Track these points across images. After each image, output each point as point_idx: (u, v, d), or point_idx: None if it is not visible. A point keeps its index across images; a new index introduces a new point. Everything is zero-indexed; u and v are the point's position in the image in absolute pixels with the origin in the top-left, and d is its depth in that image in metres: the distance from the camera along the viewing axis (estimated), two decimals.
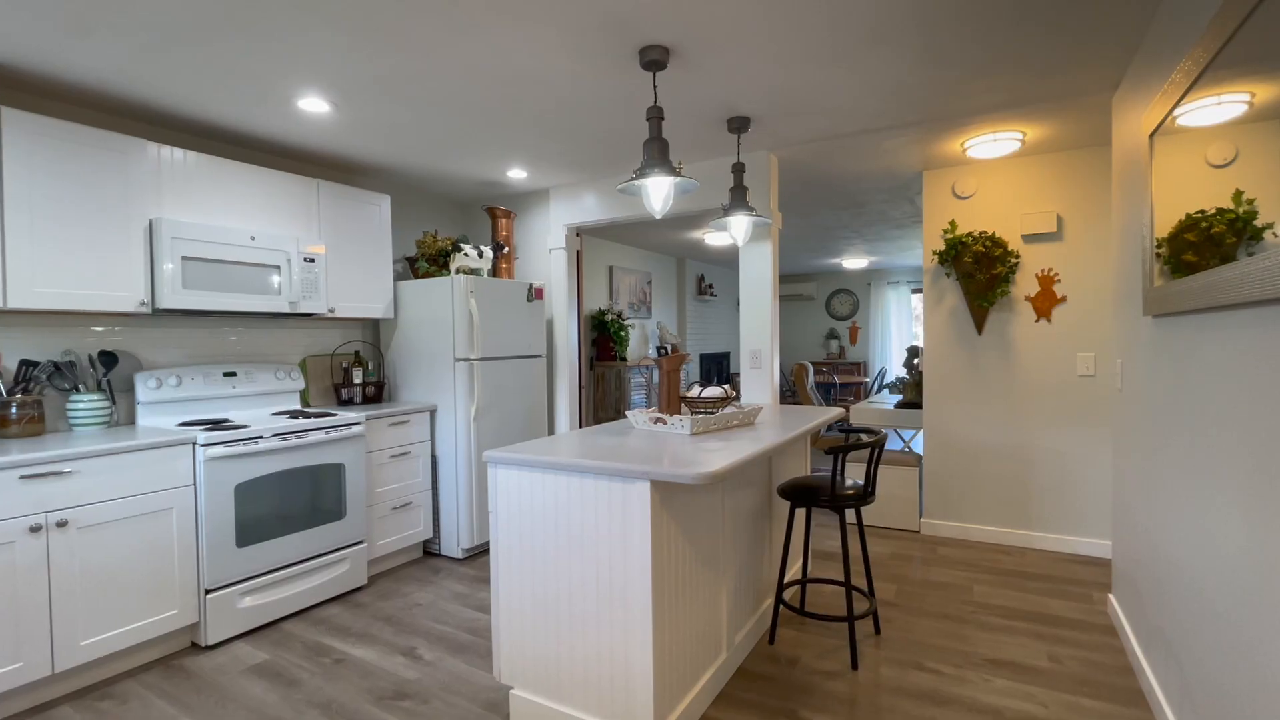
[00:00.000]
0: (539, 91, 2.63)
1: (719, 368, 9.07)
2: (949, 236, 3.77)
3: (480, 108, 2.80)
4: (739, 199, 2.94)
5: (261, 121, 2.93)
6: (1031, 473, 3.67)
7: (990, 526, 3.79)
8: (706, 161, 3.69)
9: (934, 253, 3.84)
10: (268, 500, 2.79)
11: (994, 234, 3.65)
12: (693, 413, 2.64)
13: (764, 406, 3.13)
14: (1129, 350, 2.44)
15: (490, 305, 3.72)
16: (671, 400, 2.54)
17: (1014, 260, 3.65)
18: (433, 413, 3.67)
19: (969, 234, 3.69)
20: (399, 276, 4.20)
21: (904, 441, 5.13)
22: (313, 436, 2.96)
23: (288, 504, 2.87)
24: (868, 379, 9.05)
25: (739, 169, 2.97)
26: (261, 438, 2.75)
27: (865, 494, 2.45)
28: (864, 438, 2.66)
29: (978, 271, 3.63)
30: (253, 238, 2.98)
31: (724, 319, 9.27)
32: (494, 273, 4.15)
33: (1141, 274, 2.18)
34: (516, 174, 3.91)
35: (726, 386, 2.71)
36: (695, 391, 2.68)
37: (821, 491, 2.46)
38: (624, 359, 6.24)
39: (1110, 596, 2.79)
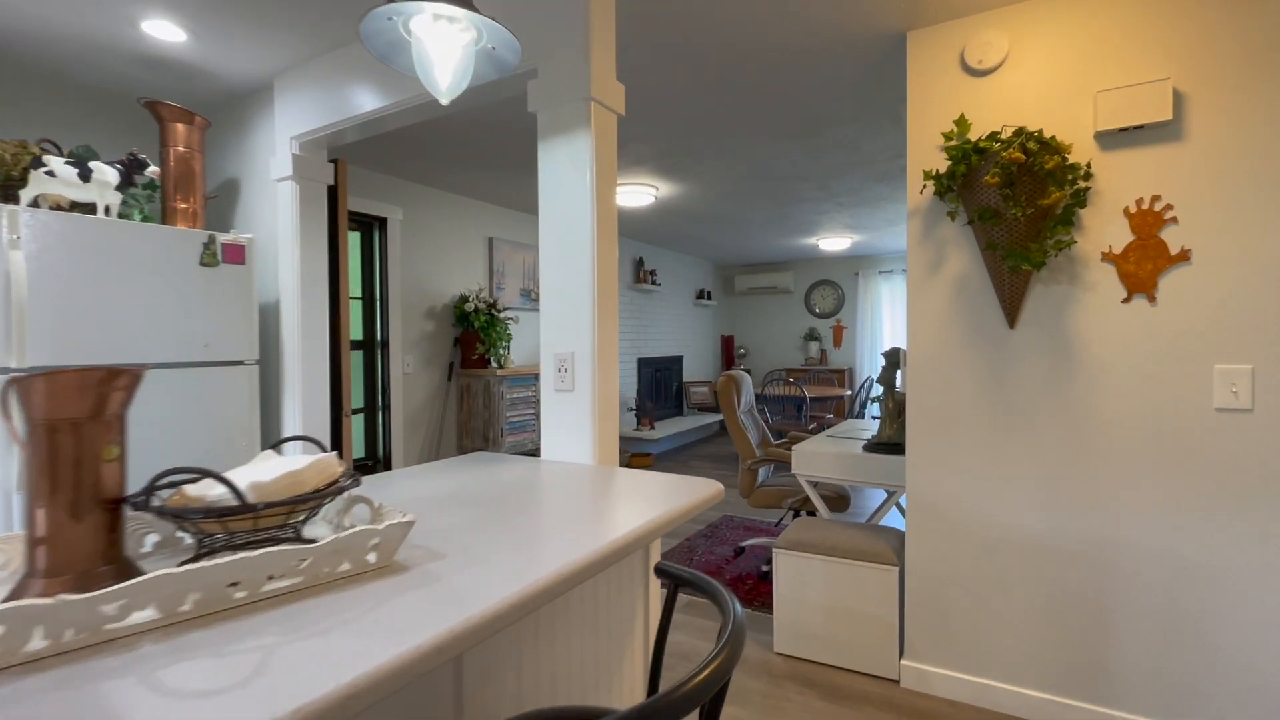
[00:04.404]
0: None
1: (665, 378, 7.30)
2: (953, 144, 2.00)
3: None
4: None
5: None
6: (1114, 591, 1.89)
7: (1030, 689, 2.01)
8: None
9: (926, 175, 2.07)
10: None
11: (1040, 132, 1.88)
12: (202, 532, 0.88)
13: (415, 513, 1.38)
14: None
15: (86, 267, 1.97)
16: (70, 498, 0.79)
17: (1081, 181, 1.88)
18: None
19: (994, 134, 1.92)
20: None
21: (888, 495, 3.37)
22: None
23: None
24: (850, 391, 7.28)
25: None
26: None
27: None
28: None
29: (1010, 203, 1.86)
30: None
31: (671, 315, 7.51)
32: (163, 215, 2.40)
33: None
34: (164, 31, 2.16)
35: (318, 462, 0.95)
36: (202, 490, 0.91)
37: None
38: (500, 365, 4.48)
39: None
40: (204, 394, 2.27)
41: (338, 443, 2.70)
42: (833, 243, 6.61)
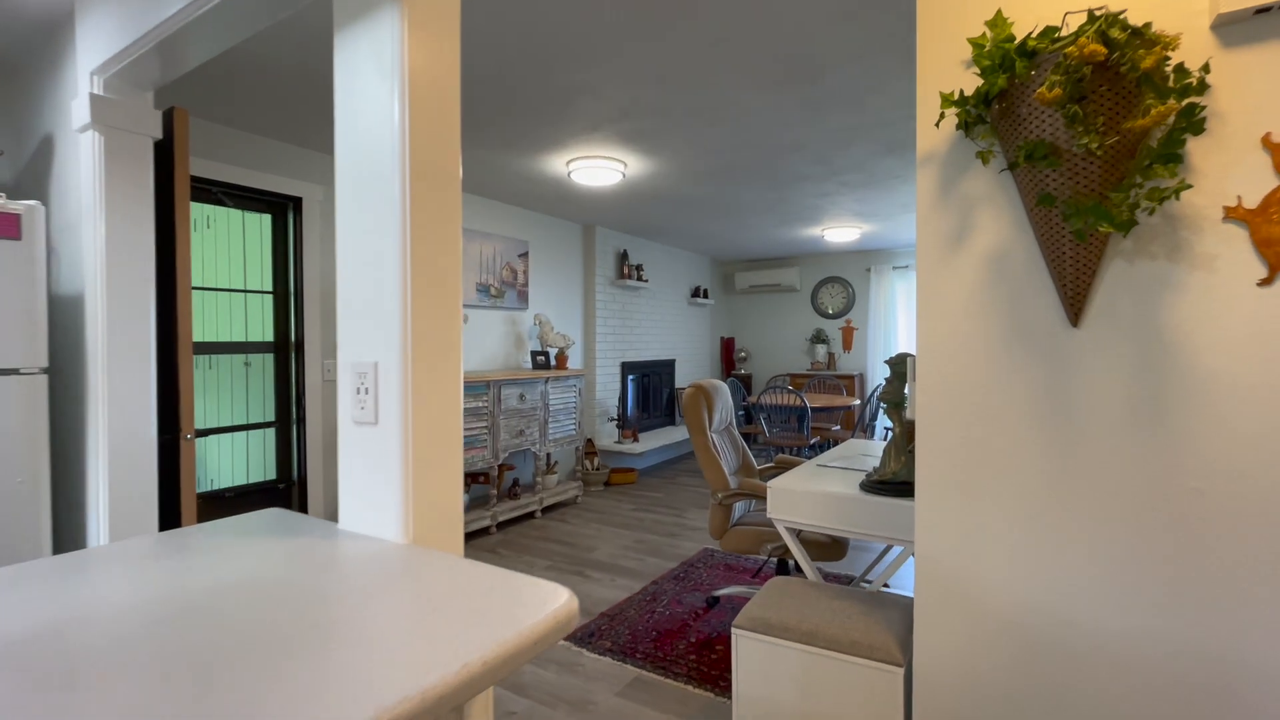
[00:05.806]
0: None
1: (655, 385, 6.64)
2: (984, 49, 1.33)
3: None
4: None
5: None
6: None
7: None
8: None
9: (945, 100, 1.40)
10: None
11: (1123, 16, 1.20)
12: None
13: None
14: None
15: None
16: None
17: (1192, 94, 1.20)
18: None
19: (1050, 29, 1.25)
20: None
21: (891, 546, 2.69)
22: None
23: None
24: (859, 400, 6.56)
25: None
26: None
27: None
28: None
29: (1079, 130, 1.18)
30: None
31: (661, 315, 6.85)
32: None
33: None
34: None
35: None
36: None
37: None
38: None
39: None
40: None
41: (173, 472, 2.09)
42: (840, 234, 5.92)
